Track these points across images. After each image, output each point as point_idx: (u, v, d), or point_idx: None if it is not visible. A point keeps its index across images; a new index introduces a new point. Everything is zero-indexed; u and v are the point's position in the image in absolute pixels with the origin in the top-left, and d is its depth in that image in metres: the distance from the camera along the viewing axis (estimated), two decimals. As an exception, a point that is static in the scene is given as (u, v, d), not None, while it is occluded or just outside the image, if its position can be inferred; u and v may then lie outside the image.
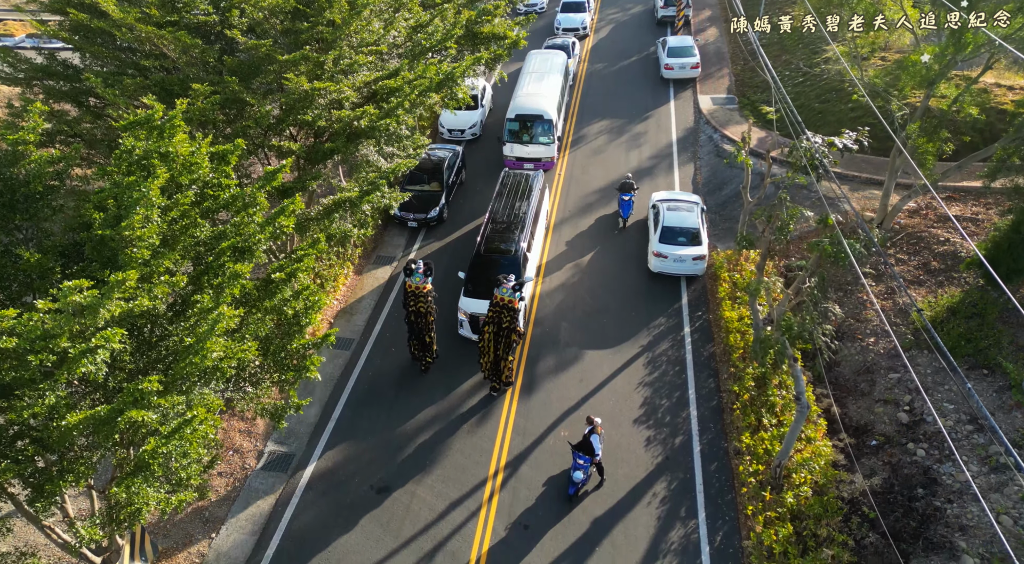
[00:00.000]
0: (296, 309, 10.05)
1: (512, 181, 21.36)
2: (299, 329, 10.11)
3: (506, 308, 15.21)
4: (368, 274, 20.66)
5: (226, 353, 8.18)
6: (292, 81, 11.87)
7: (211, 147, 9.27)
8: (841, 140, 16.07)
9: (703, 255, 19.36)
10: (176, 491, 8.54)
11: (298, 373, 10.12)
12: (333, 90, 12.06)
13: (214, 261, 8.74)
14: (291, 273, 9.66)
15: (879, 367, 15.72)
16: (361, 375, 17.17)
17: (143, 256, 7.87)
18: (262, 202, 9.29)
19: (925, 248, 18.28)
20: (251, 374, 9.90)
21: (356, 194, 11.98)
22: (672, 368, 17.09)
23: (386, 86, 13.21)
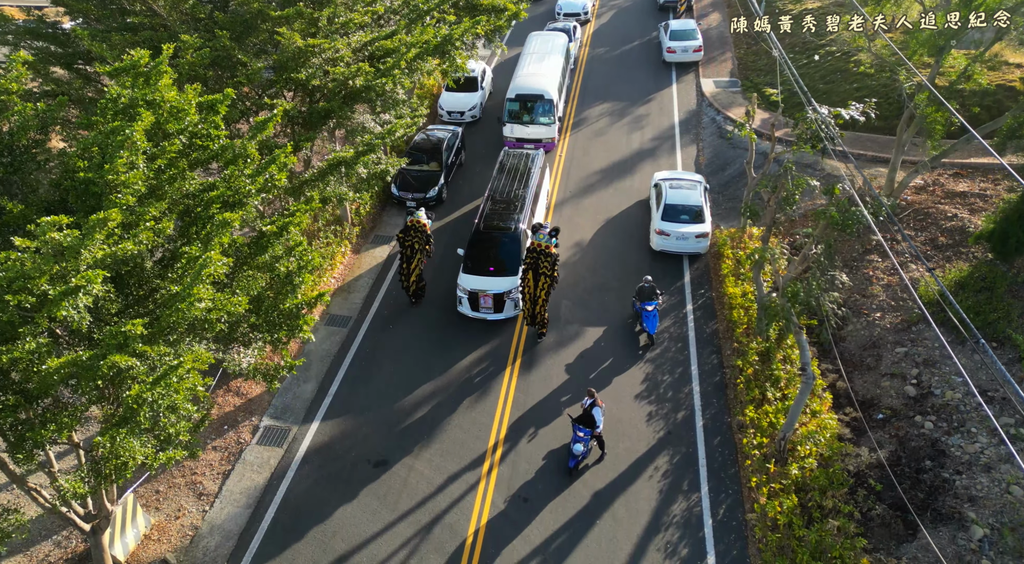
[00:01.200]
0: (289, 268, 9.78)
1: (512, 160, 21.08)
2: (292, 289, 9.84)
3: (543, 254, 15.92)
4: (366, 253, 20.39)
5: (215, 304, 7.91)
6: (285, 35, 11.58)
7: (200, 97, 9.00)
8: (848, 111, 15.80)
9: (706, 233, 19.07)
10: (165, 448, 8.29)
11: (291, 332, 9.85)
12: (327, 48, 11.77)
13: (202, 211, 8.47)
14: (282, 227, 9.39)
15: (885, 342, 15.42)
16: (358, 352, 16.91)
17: (128, 202, 7.60)
18: (252, 153, 9.02)
19: (932, 224, 17.97)
20: (243, 333, 9.64)
21: (351, 154, 11.71)
22: (674, 345, 16.81)
23: (382, 47, 12.92)
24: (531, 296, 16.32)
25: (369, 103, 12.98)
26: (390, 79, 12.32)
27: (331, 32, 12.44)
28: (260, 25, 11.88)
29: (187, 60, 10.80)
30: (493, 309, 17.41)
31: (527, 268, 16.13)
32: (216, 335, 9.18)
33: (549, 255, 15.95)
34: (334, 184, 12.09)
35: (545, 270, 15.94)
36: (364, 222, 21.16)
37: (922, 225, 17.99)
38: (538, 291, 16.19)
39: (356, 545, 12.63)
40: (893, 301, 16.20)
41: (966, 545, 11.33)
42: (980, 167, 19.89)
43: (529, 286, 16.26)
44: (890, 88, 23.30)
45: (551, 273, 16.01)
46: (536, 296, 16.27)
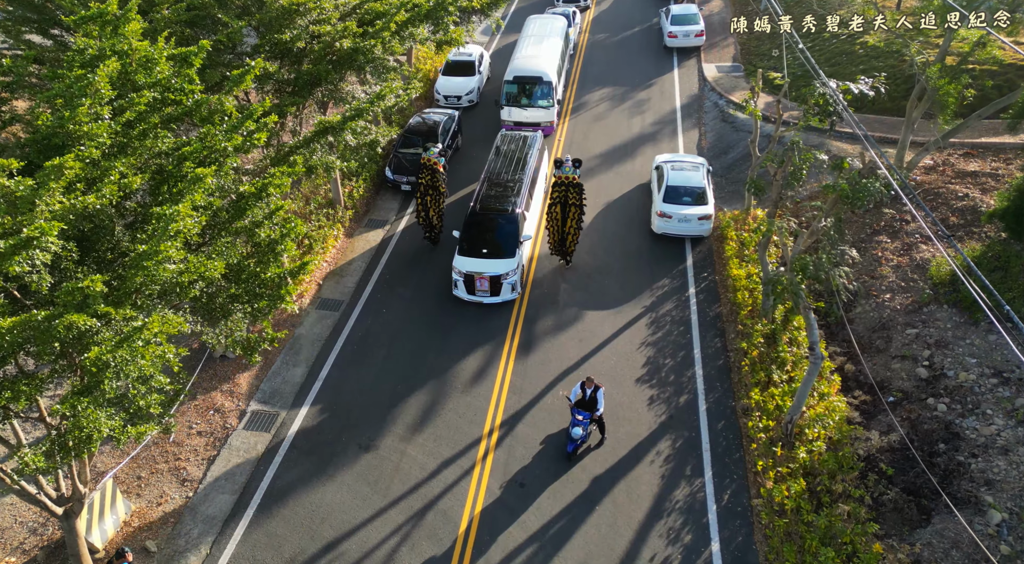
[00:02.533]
0: (271, 235, 9.25)
1: (509, 142, 20.53)
2: (274, 257, 9.30)
3: (571, 185, 16.78)
4: (359, 237, 19.85)
5: (188, 267, 7.38)
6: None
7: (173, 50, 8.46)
8: (857, 85, 15.25)
9: (709, 215, 18.53)
10: (135, 422, 7.76)
11: (272, 302, 9.31)
12: (313, 8, 11.23)
13: (174, 169, 7.92)
14: (261, 187, 8.84)
15: (895, 323, 14.88)
16: (350, 336, 16.38)
17: (91, 155, 7.07)
18: (229, 109, 8.48)
19: (943, 204, 17.42)
20: (221, 304, 9.10)
21: (338, 119, 11.15)
22: (676, 328, 16.28)
23: (372, 10, 12.36)
24: (559, 230, 17.24)
25: (358, 70, 12.44)
26: (379, 42, 11.75)
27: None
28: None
29: (163, 16, 10.27)
30: (490, 292, 16.88)
31: (554, 203, 16.95)
32: (193, 303, 8.65)
33: (576, 185, 16.81)
34: (321, 153, 11.55)
35: (575, 201, 16.86)
36: (358, 205, 20.63)
37: (932, 205, 17.44)
38: (569, 224, 17.06)
39: (345, 532, 12.10)
40: (903, 282, 15.66)
41: (983, 530, 10.80)
42: (991, 146, 19.33)
43: (557, 220, 17.12)
44: (897, 69, 22.74)
45: (580, 202, 16.91)
46: (566, 230, 17.19)
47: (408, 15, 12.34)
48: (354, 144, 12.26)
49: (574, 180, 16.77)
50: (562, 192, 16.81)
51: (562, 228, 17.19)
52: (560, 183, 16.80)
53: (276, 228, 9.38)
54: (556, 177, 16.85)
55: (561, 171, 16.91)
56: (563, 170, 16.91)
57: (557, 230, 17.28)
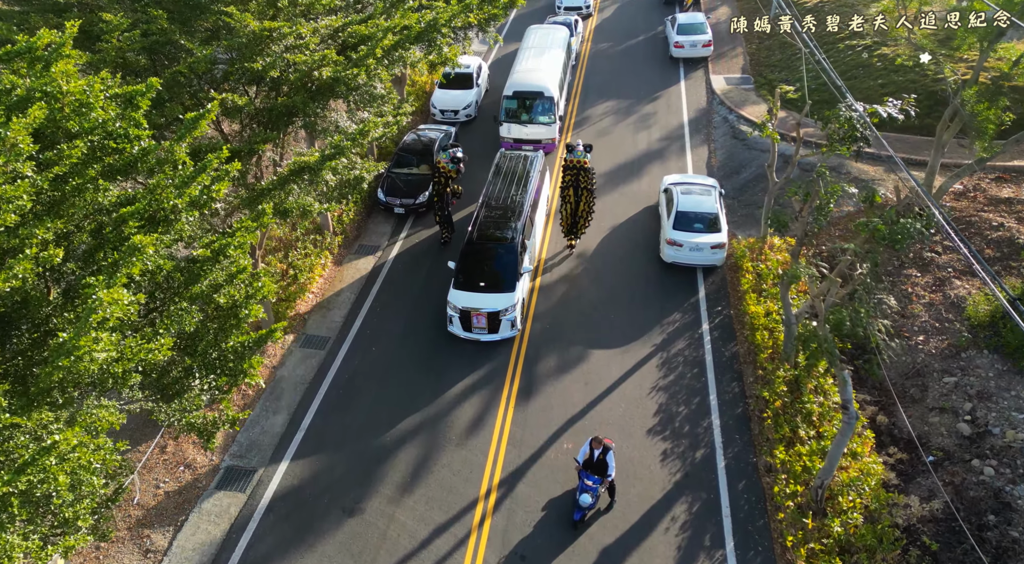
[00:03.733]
0: (233, 298, 8.00)
1: (509, 163, 19.28)
2: (236, 323, 8.05)
3: (582, 169, 17.13)
4: (348, 265, 18.59)
5: (122, 354, 6.15)
6: (236, 18, 9.77)
7: (119, 88, 7.21)
8: (884, 108, 14.06)
9: (722, 243, 17.28)
10: (63, 533, 6.52)
11: (233, 378, 8.05)
12: (288, 32, 9.98)
13: (111, 231, 6.69)
14: (219, 249, 7.59)
15: (931, 370, 13.63)
16: (336, 378, 15.11)
17: (6, 222, 5.83)
18: (182, 158, 7.25)
19: (976, 234, 16.19)
20: (175, 379, 7.85)
21: (315, 158, 9.91)
22: (690, 370, 15.02)
23: (356, 33, 11.09)
24: (572, 211, 17.60)
25: (342, 98, 11.21)
26: (363, 70, 10.49)
27: (294, 15, 10.66)
28: (210, 5, 10.09)
29: (113, 45, 9.02)
30: (487, 329, 15.63)
31: (567, 186, 17.31)
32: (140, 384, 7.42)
33: (587, 169, 17.21)
34: (297, 193, 10.31)
35: (585, 184, 17.23)
36: (347, 230, 19.36)
37: (966, 235, 16.19)
38: (581, 207, 17.52)
39: (325, 613, 10.85)
40: (937, 322, 14.42)
41: (1045, 622, 9.57)
42: (1024, 171, 18.13)
43: (571, 202, 17.49)
44: (919, 84, 21.52)
45: (591, 186, 17.33)
46: (578, 211, 17.60)
47: (396, 38, 11.11)
48: (335, 183, 11.00)
49: (584, 164, 17.14)
50: (573, 175, 17.17)
51: (575, 210, 17.58)
52: (571, 167, 17.15)
53: (242, 287, 8.13)
54: (568, 161, 17.21)
55: (573, 155, 17.22)
56: (575, 154, 17.22)
57: (570, 212, 17.67)
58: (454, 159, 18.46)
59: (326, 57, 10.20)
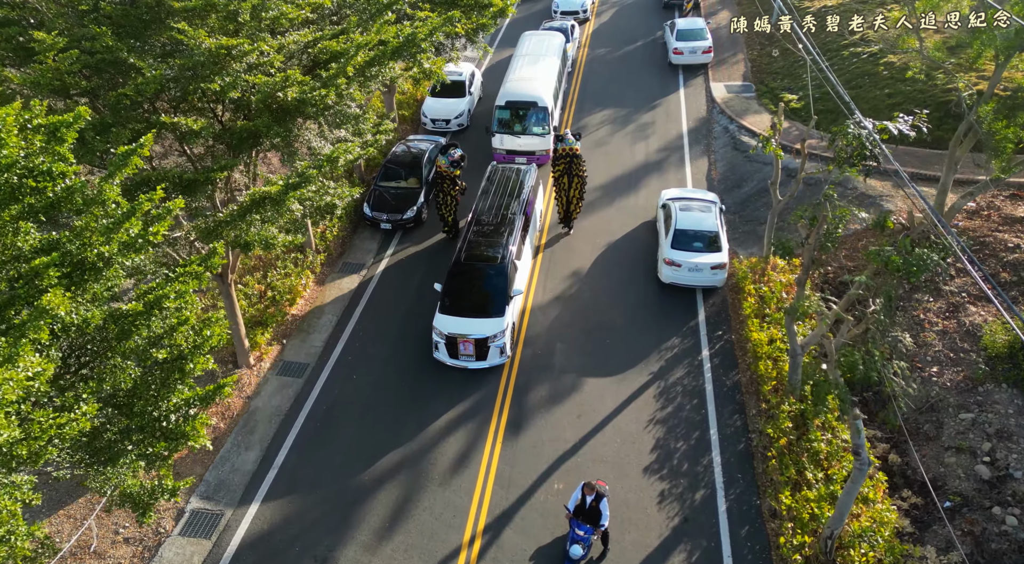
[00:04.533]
0: (178, 349, 7.14)
1: (500, 177, 18.45)
2: (181, 377, 7.20)
3: (574, 157, 17.60)
4: (331, 284, 17.73)
5: (28, 433, 5.31)
6: (189, 35, 8.91)
7: (44, 117, 6.36)
8: (895, 125, 13.20)
9: (723, 263, 16.42)
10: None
11: (172, 443, 7.20)
12: (249, 49, 9.12)
13: (23, 287, 5.84)
14: (153, 302, 6.73)
15: (946, 405, 12.78)
16: (314, 409, 14.25)
17: None
18: (113, 197, 6.41)
19: (991, 256, 15.34)
20: (109, 442, 7.00)
21: (278, 188, 9.05)
22: (689, 401, 14.17)
23: (327, 50, 10.23)
24: (566, 198, 18.10)
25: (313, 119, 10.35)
26: (332, 90, 9.62)
27: (258, 30, 9.80)
28: (164, 19, 9.23)
29: (48, 66, 8.17)
30: (475, 357, 14.77)
31: (560, 174, 17.81)
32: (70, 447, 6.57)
33: (578, 156, 17.66)
34: (261, 224, 9.46)
35: (577, 171, 17.73)
36: (331, 247, 18.50)
37: (979, 257, 15.35)
38: (573, 192, 17.98)
39: None
40: (952, 352, 13.56)
41: None
42: (1040, 187, 17.28)
43: (565, 190, 18.00)
44: (928, 94, 20.68)
45: (581, 173, 17.81)
46: (572, 198, 18.05)
47: (371, 54, 10.23)
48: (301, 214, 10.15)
49: (575, 151, 17.58)
50: (566, 163, 17.62)
51: (568, 197, 18.04)
52: (563, 155, 17.61)
53: (190, 335, 7.28)
54: (560, 150, 17.67)
55: (564, 143, 17.69)
56: (566, 142, 17.69)
57: (564, 200, 18.18)
58: (453, 162, 18.19)
59: (289, 78, 9.32)
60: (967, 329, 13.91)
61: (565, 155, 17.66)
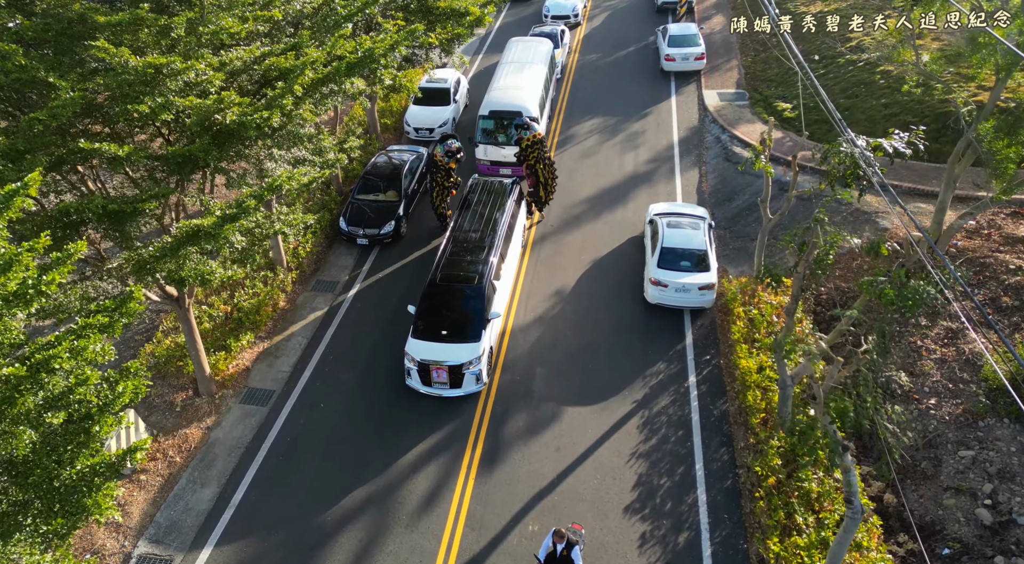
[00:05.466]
0: (85, 407, 6.40)
1: (481, 191, 17.74)
2: (86, 441, 6.45)
3: (539, 143, 17.85)
4: (303, 304, 16.96)
5: None
6: (111, 52, 8.13)
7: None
8: (890, 142, 12.48)
9: (711, 284, 15.69)
10: None
11: (71, 519, 6.43)
12: (183, 67, 8.35)
13: None
14: (40, 363, 5.97)
15: (945, 440, 12.04)
16: (277, 441, 13.49)
17: None
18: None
19: (991, 278, 14.62)
20: (3, 514, 6.24)
21: (212, 220, 8.27)
22: (674, 432, 13.43)
23: (276, 66, 9.45)
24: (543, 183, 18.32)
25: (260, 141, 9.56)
26: (275, 112, 8.83)
27: (197, 46, 9.01)
28: (93, 35, 8.46)
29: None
30: (449, 384, 14.02)
31: (535, 161, 17.97)
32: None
33: (542, 141, 17.96)
34: (199, 258, 8.70)
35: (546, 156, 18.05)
36: (304, 264, 17.73)
37: (978, 279, 14.63)
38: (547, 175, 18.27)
39: None
40: (951, 383, 12.83)
41: None
42: (1042, 204, 16.56)
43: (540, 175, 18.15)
44: (926, 104, 19.97)
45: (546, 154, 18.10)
46: (547, 181, 18.32)
47: (325, 71, 9.43)
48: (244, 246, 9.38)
49: (539, 136, 17.91)
50: (537, 151, 17.78)
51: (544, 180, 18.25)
52: (533, 143, 17.76)
53: (103, 388, 6.52)
54: (527, 139, 17.83)
55: (531, 131, 17.95)
56: (533, 129, 17.99)
57: (541, 186, 18.34)
58: (449, 152, 17.94)
59: (223, 100, 8.54)
60: (966, 358, 13.18)
61: (533, 144, 17.77)
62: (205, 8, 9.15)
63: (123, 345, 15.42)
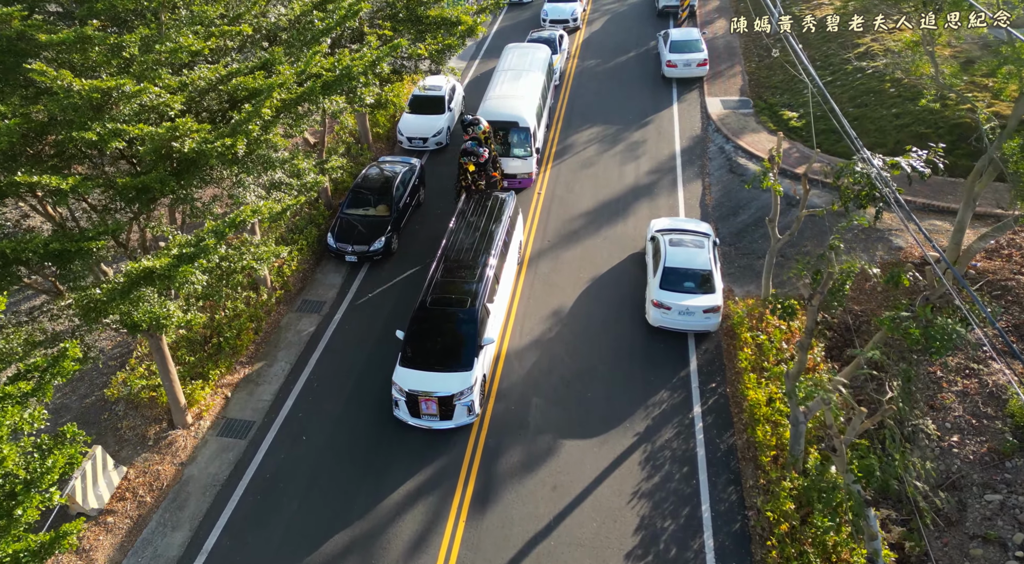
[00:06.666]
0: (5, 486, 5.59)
1: (475, 206, 16.92)
2: (7, 525, 5.65)
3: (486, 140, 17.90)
4: (287, 326, 16.15)
5: None
6: (50, 75, 7.30)
7: None
8: (908, 160, 11.69)
9: (717, 306, 14.87)
10: None
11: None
12: (135, 90, 7.50)
13: None
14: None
15: (969, 482, 11.22)
16: (255, 478, 12.67)
17: None
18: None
19: (1014, 302, 13.81)
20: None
21: (166, 261, 7.40)
22: (678, 469, 12.61)
23: (244, 87, 8.59)
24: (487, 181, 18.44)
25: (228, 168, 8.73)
26: (240, 139, 7.98)
27: (155, 65, 8.17)
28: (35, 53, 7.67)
29: None
30: (439, 416, 13.21)
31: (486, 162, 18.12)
32: None
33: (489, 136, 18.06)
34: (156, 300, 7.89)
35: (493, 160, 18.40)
36: (289, 283, 16.92)
37: (1001, 305, 13.81)
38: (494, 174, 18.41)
39: None
40: (974, 418, 12.01)
41: None
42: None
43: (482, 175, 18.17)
44: (939, 115, 19.16)
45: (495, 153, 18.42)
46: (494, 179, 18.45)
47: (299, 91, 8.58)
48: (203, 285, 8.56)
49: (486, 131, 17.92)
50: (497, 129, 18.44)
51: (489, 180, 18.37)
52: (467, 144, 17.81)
53: (34, 460, 5.72)
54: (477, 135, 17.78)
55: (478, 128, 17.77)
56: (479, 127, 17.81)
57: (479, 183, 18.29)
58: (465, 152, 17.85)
59: (177, 128, 7.69)
60: (991, 391, 12.36)
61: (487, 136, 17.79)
62: (163, 24, 8.32)
63: (95, 372, 14.60)
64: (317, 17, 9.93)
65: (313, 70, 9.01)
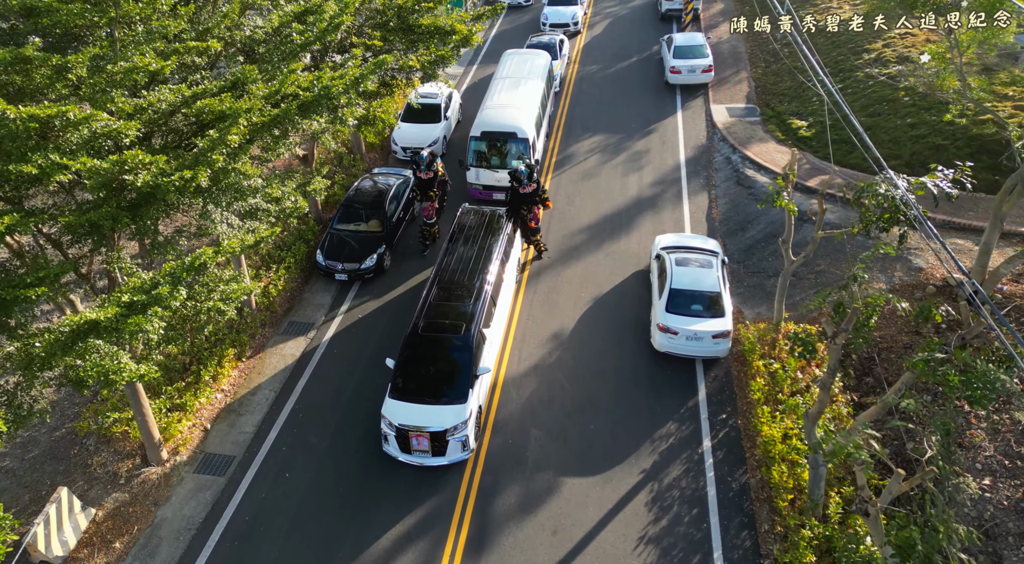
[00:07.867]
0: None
1: (471, 223, 16.09)
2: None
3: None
4: (273, 349, 15.30)
5: None
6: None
7: None
8: (933, 181, 10.91)
9: (726, 331, 14.02)
10: None
11: None
12: (80, 117, 6.68)
13: None
14: None
15: (1004, 531, 10.37)
16: (234, 520, 11.81)
17: None
18: None
19: (1045, 331, 12.95)
20: None
21: (113, 312, 6.52)
22: (687, 511, 11.76)
23: (210, 110, 7.71)
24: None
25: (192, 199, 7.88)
26: (202, 170, 7.11)
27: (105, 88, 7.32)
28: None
29: None
30: (431, 452, 12.36)
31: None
32: None
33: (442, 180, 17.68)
34: (106, 352, 7.05)
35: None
36: (275, 304, 16.07)
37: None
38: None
39: None
40: (1007, 458, 11.16)
41: None
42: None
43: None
44: (958, 125, 18.32)
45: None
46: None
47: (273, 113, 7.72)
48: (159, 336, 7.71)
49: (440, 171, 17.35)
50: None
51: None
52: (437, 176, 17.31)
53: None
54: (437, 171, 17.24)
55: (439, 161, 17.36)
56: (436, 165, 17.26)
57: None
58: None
59: (127, 161, 6.84)
60: (1023, 428, 11.51)
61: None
62: (117, 41, 7.47)
63: (66, 401, 13.76)
64: (296, 30, 9.06)
65: (289, 90, 8.13)
